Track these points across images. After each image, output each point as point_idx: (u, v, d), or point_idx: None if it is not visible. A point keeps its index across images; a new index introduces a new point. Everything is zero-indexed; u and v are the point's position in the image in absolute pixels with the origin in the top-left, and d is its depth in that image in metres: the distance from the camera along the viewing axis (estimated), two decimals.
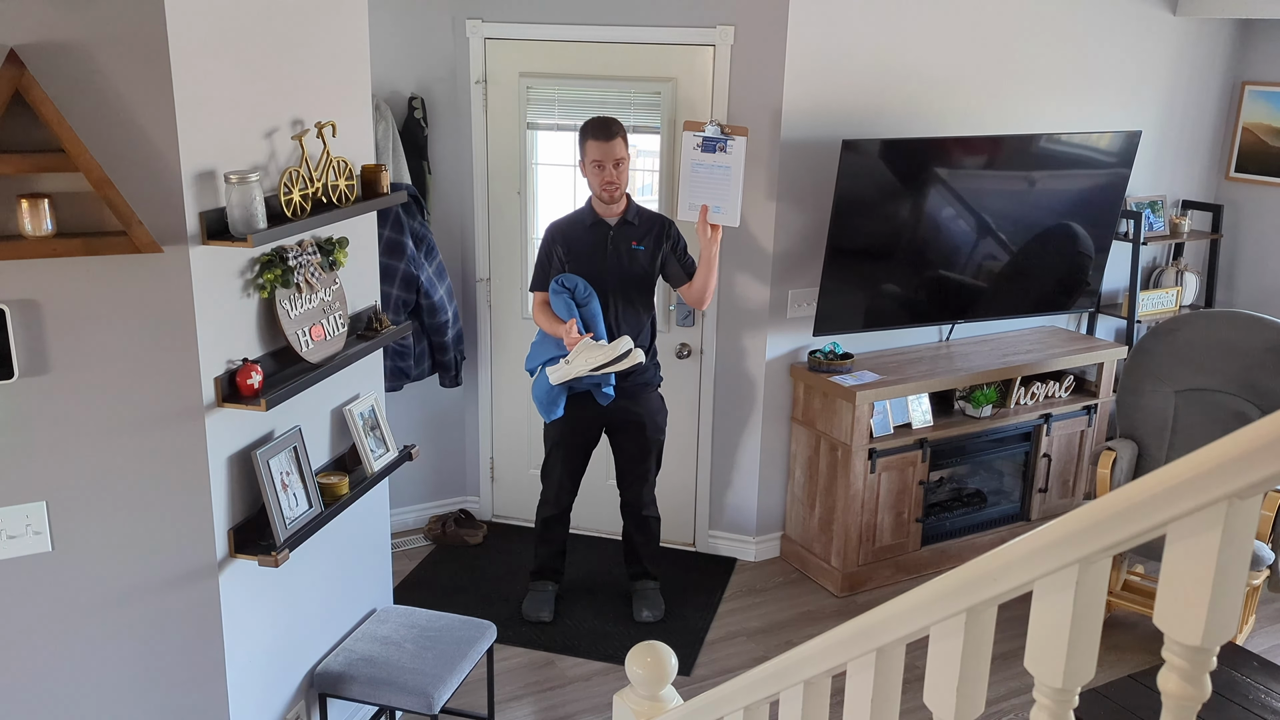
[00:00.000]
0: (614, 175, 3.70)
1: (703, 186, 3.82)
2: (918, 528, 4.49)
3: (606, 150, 3.68)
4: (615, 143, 3.68)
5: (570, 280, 3.73)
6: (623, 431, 3.97)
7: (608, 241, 3.80)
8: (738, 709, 1.82)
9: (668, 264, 3.87)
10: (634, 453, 3.99)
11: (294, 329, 2.62)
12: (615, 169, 3.69)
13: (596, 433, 4.01)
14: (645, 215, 3.87)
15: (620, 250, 3.80)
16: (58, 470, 2.35)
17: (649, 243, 3.82)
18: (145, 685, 2.55)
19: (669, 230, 3.86)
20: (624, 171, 3.74)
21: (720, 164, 3.80)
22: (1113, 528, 1.04)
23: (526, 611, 4.09)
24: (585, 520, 4.77)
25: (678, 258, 3.87)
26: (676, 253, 3.87)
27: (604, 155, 3.68)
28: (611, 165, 3.69)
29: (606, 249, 3.80)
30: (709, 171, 3.82)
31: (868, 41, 4.24)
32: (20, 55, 2.11)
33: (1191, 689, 1.07)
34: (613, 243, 3.80)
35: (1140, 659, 3.85)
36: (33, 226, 2.17)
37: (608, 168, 3.69)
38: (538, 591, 4.14)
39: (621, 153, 3.71)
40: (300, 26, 2.68)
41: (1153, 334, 4.32)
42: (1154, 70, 5.08)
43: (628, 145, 3.75)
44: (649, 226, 3.84)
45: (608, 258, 3.79)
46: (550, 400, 3.82)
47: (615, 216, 3.81)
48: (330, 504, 2.81)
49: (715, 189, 3.81)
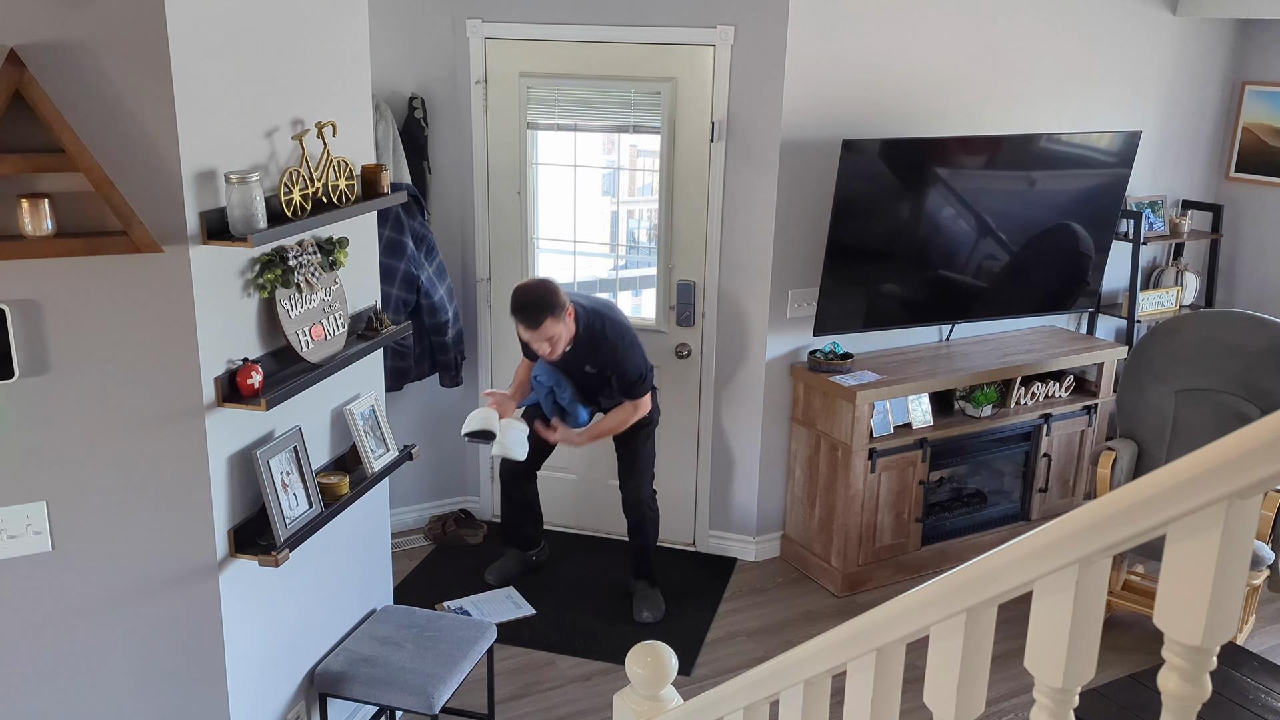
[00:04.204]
0: (546, 349, 3.68)
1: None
2: (918, 528, 4.49)
3: (534, 335, 3.64)
4: (541, 329, 3.60)
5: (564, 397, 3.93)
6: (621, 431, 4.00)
7: (565, 365, 3.87)
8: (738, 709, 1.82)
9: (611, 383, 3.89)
10: (626, 450, 4.07)
11: (294, 329, 2.62)
12: (547, 343, 3.66)
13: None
14: (594, 340, 3.79)
15: (577, 371, 3.88)
16: (58, 470, 2.35)
17: (599, 368, 3.85)
18: (145, 685, 2.55)
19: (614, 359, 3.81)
20: (558, 343, 3.67)
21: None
22: (1113, 528, 1.04)
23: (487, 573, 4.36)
24: (585, 520, 4.77)
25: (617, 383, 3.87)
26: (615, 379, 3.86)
27: (532, 339, 3.66)
28: (543, 341, 3.65)
29: (566, 369, 3.89)
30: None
31: (868, 41, 4.24)
32: (20, 55, 2.11)
33: (1191, 689, 1.07)
34: (570, 367, 3.87)
35: (1140, 659, 3.85)
36: (33, 226, 2.17)
37: (539, 344, 3.67)
38: (502, 558, 4.40)
39: (550, 332, 3.62)
40: (300, 27, 2.68)
41: (1153, 334, 4.32)
42: (1154, 70, 5.08)
43: (560, 318, 3.63)
44: (597, 352, 3.81)
45: (570, 376, 3.91)
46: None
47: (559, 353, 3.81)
48: (330, 504, 2.81)
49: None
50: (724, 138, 4.21)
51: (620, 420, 3.94)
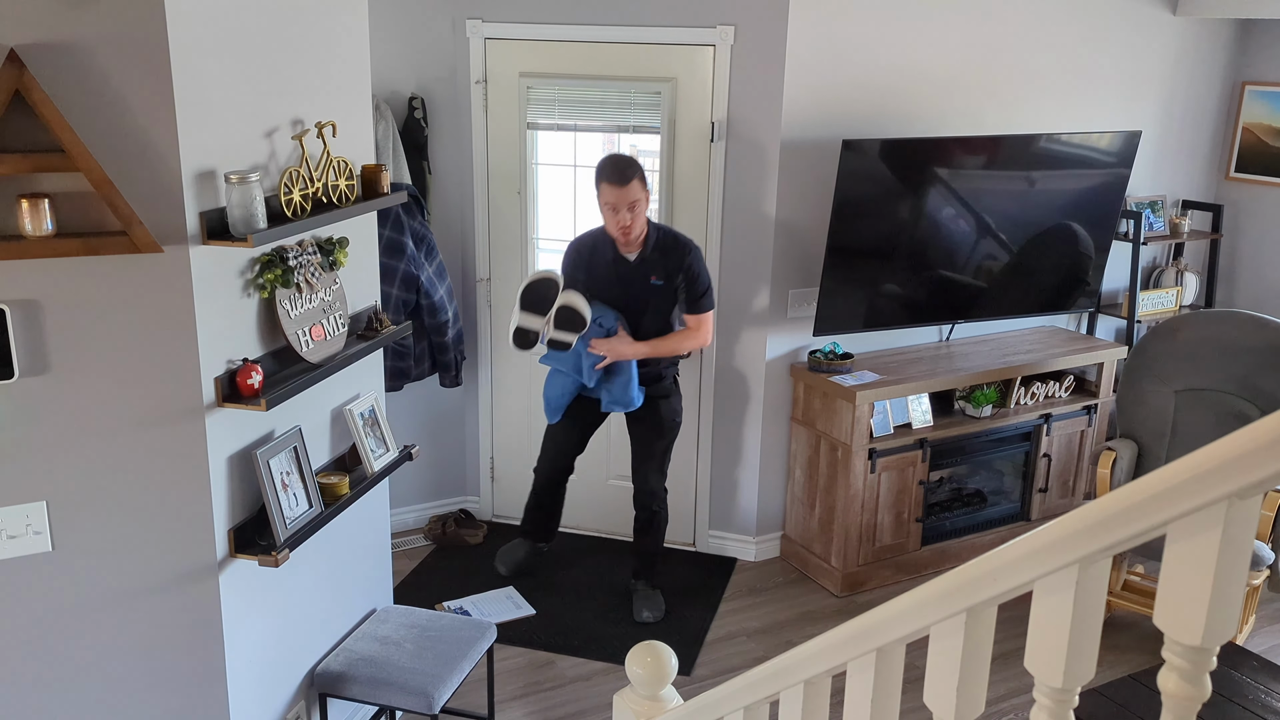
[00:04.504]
0: (628, 219, 3.63)
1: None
2: (918, 528, 4.49)
3: (621, 195, 3.60)
4: (630, 186, 3.60)
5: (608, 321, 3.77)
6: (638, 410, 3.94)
7: (626, 278, 3.78)
8: (738, 709, 1.82)
9: (679, 294, 3.85)
10: (649, 435, 3.98)
11: (294, 329, 2.62)
12: (630, 212, 3.62)
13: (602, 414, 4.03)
14: (666, 244, 3.80)
15: (639, 286, 3.79)
16: (58, 470, 2.35)
17: (666, 275, 3.79)
18: (145, 685, 2.54)
19: (685, 261, 3.79)
20: (639, 214, 3.66)
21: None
22: (1113, 528, 1.04)
23: (496, 560, 4.32)
24: (586, 520, 4.77)
25: (686, 290, 3.83)
26: (686, 286, 3.83)
27: (618, 200, 3.61)
28: (626, 209, 3.62)
29: (625, 285, 3.79)
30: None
31: (868, 41, 4.24)
32: (20, 55, 2.11)
33: (1191, 689, 1.07)
34: (631, 279, 3.78)
35: (1140, 659, 3.85)
36: (33, 226, 2.17)
37: (622, 211, 3.63)
38: (512, 544, 4.33)
39: (636, 195, 3.62)
40: (300, 26, 2.68)
41: (1153, 334, 4.32)
42: (1154, 70, 5.08)
43: (645, 185, 3.66)
44: (669, 257, 3.78)
45: (626, 293, 3.80)
46: (557, 405, 3.88)
47: (634, 251, 3.80)
48: (330, 504, 2.81)
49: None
50: (724, 138, 4.21)
51: (682, 339, 3.84)
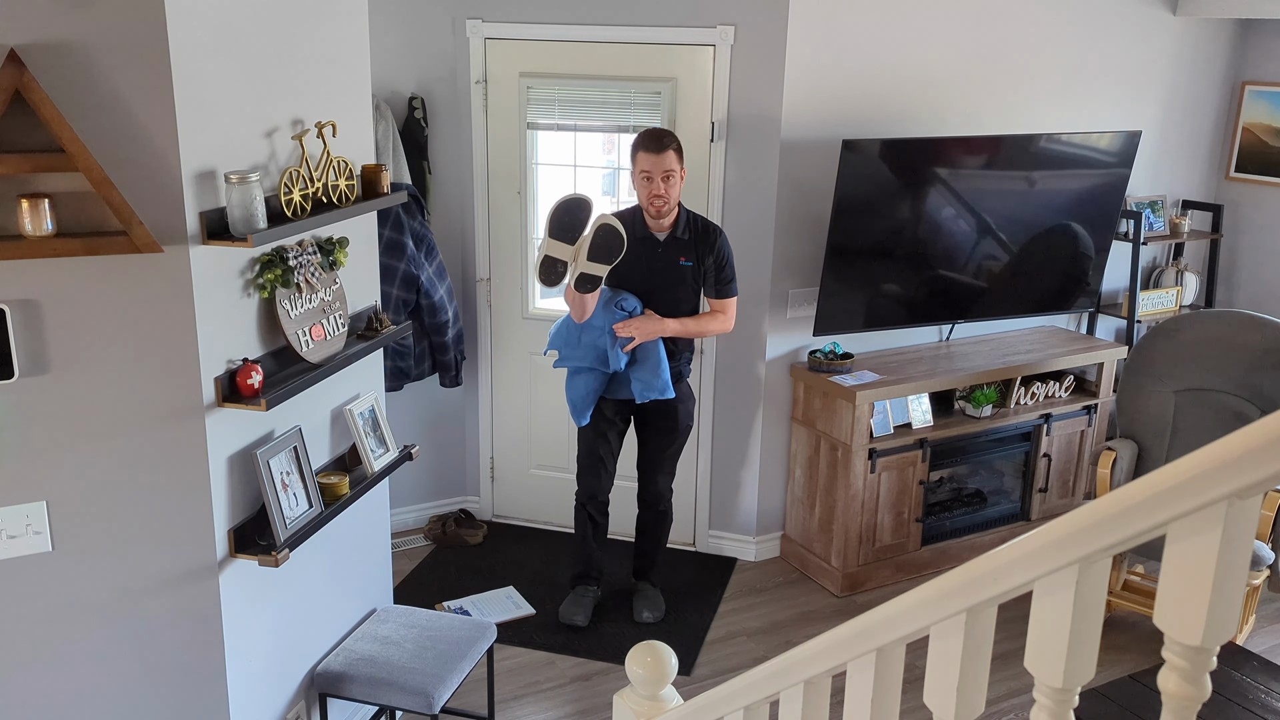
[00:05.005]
0: (662, 189, 3.61)
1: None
2: (918, 528, 4.49)
3: (656, 163, 3.58)
4: (666, 155, 3.59)
5: (629, 304, 3.71)
6: (654, 414, 3.88)
7: (655, 258, 3.73)
8: (738, 709, 1.82)
9: (706, 277, 3.81)
10: (661, 438, 3.93)
11: (294, 329, 2.62)
12: (664, 182, 3.60)
13: (627, 416, 3.95)
14: (696, 226, 3.77)
15: (667, 267, 3.74)
16: (58, 470, 2.35)
17: (696, 257, 3.76)
18: (145, 685, 2.55)
19: (716, 244, 3.77)
20: (674, 185, 3.64)
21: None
22: (1113, 528, 1.04)
23: (561, 614, 4.04)
24: None
25: (714, 274, 3.79)
26: (715, 270, 3.79)
27: (653, 168, 3.59)
28: (660, 178, 3.60)
29: (653, 265, 3.73)
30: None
31: (868, 41, 4.24)
32: (20, 55, 2.11)
33: (1191, 689, 1.07)
34: (660, 259, 3.73)
35: (1140, 659, 3.85)
36: (33, 226, 2.17)
37: (656, 180, 3.60)
38: (576, 596, 4.08)
39: (672, 165, 3.60)
40: (300, 27, 2.68)
41: (1153, 334, 4.32)
42: (1154, 70, 5.08)
43: (682, 159, 3.65)
44: (698, 239, 3.75)
45: (654, 274, 3.74)
46: (583, 405, 3.80)
47: (664, 232, 3.73)
48: (330, 504, 2.81)
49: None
50: (724, 138, 4.21)
51: (710, 320, 3.81)
